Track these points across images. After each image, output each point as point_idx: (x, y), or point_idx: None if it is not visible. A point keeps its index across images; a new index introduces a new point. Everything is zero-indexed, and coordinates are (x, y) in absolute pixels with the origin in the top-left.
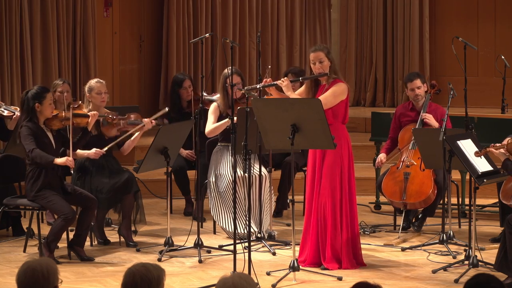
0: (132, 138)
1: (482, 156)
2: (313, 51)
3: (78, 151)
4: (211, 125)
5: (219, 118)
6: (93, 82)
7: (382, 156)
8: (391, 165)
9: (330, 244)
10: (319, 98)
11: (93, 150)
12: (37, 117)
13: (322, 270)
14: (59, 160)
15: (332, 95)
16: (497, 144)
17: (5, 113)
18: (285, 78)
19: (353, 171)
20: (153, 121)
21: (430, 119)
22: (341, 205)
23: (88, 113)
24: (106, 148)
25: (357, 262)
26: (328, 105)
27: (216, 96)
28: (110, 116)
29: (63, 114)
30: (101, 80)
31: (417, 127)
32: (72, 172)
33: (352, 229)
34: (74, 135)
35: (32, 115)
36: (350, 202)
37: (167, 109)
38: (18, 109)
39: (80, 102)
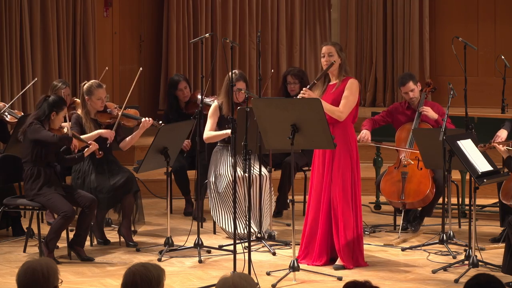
0: (132, 135)
1: (483, 156)
2: (325, 44)
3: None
4: (209, 132)
5: (220, 120)
6: (94, 85)
7: (367, 134)
8: (388, 165)
9: (337, 243)
10: (339, 106)
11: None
12: (47, 123)
13: (322, 270)
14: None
15: (352, 95)
16: (503, 141)
17: (8, 118)
18: (304, 89)
19: (360, 171)
20: (150, 120)
21: (428, 111)
22: (353, 206)
23: (89, 143)
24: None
25: (359, 262)
26: (351, 104)
27: (210, 100)
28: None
29: (65, 131)
30: (102, 84)
31: (414, 123)
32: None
33: (359, 229)
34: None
35: (43, 120)
36: (358, 202)
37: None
38: (22, 113)
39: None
